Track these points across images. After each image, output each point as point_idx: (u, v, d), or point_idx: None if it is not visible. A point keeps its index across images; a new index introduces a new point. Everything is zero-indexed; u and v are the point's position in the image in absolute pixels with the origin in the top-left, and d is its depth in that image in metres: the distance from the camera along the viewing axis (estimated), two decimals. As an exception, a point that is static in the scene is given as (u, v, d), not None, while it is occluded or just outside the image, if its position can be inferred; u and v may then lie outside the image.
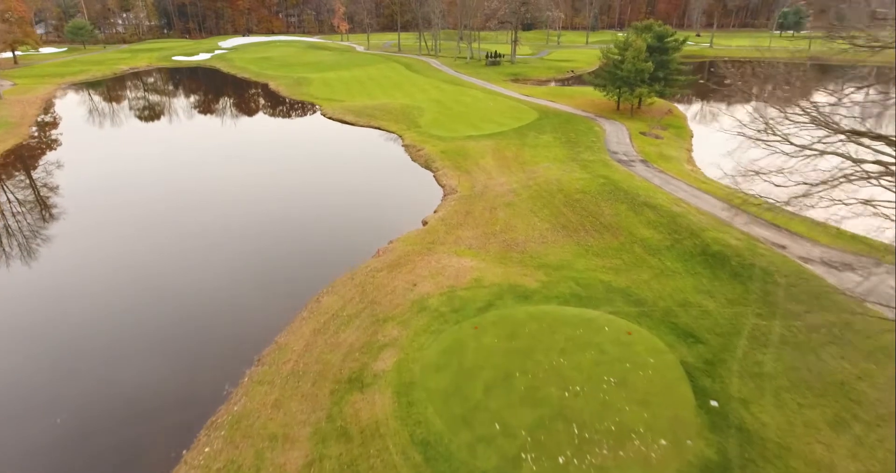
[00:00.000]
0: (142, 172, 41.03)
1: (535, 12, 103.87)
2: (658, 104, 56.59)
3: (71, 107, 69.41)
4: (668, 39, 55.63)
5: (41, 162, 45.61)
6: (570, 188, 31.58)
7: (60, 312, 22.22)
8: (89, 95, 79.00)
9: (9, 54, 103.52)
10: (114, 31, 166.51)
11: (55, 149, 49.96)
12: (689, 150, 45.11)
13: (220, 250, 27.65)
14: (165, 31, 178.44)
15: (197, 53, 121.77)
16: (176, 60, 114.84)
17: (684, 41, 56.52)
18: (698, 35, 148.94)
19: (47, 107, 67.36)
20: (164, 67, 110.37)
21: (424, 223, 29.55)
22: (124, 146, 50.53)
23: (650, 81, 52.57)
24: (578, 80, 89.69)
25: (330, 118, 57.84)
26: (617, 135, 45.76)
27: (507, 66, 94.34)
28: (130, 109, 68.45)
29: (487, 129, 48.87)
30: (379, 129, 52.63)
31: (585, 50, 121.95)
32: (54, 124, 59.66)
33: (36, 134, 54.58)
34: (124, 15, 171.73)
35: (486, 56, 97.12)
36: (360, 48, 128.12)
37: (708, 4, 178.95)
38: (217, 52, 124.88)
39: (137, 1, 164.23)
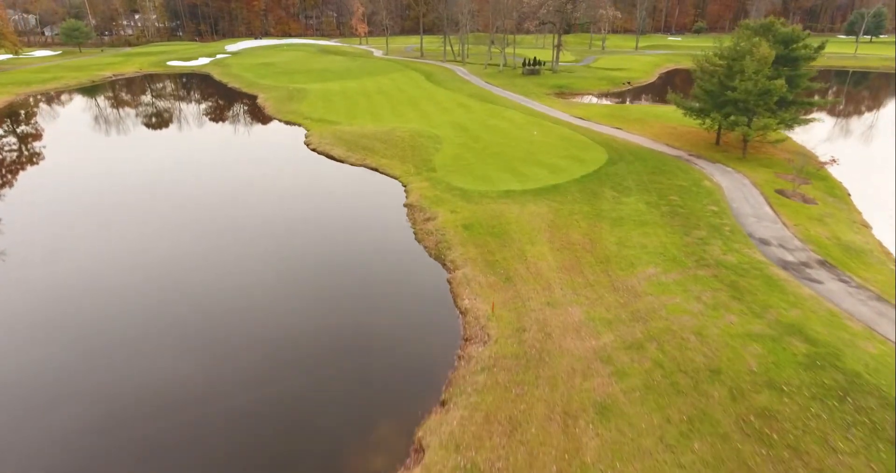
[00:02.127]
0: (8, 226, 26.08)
1: (584, 10, 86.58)
2: (788, 143, 39.01)
3: (7, 123, 55.72)
4: (797, 46, 38.34)
5: None
6: (738, 370, 14.63)
7: None
8: (40, 107, 65.51)
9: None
10: (120, 33, 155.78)
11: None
12: (865, 225, 27.74)
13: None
14: (179, 33, 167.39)
15: (196, 58, 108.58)
16: (169, 65, 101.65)
17: (820, 48, 39.07)
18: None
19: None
20: (153, 72, 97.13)
21: (417, 453, 13.29)
22: (24, 174, 37.16)
23: (777, 106, 35.48)
24: (637, 93, 72.37)
25: (313, 150, 42.13)
26: (744, 196, 28.75)
27: (549, 75, 77.54)
28: (71, 126, 53.88)
29: (535, 178, 32.45)
30: (376, 171, 36.68)
31: (636, 56, 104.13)
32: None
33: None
34: (135, 16, 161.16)
35: (524, 63, 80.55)
36: (378, 53, 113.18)
37: (771, 5, 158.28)
38: (219, 56, 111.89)
39: (146, 2, 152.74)
